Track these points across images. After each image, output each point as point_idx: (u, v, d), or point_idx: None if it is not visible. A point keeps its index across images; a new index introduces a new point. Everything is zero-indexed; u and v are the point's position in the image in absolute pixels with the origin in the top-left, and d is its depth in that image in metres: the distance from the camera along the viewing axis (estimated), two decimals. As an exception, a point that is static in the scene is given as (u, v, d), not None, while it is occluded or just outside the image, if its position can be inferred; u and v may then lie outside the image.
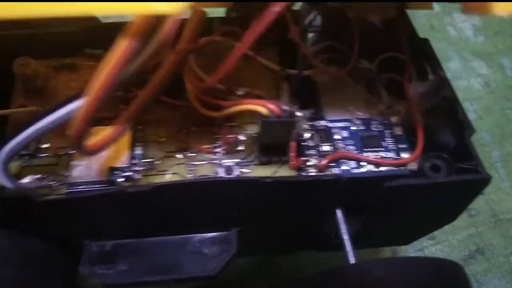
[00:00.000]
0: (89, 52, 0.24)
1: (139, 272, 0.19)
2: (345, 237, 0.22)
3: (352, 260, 0.21)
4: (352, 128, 0.23)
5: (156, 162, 0.21)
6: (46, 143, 0.22)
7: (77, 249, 0.20)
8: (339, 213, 0.22)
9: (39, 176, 0.21)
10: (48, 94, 0.23)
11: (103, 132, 0.19)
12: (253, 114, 0.20)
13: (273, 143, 0.21)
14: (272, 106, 0.18)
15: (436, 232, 0.35)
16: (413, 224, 0.24)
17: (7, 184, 0.20)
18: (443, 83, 0.23)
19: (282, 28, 0.21)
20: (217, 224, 0.21)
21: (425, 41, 0.25)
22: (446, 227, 0.26)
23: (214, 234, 0.21)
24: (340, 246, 0.22)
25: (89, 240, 0.20)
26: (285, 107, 0.18)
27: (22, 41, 0.24)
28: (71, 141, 0.17)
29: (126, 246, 0.20)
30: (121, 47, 0.16)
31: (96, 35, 0.24)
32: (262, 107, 0.18)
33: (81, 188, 0.20)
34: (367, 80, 0.25)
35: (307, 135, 0.22)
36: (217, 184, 0.19)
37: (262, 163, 0.22)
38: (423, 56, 0.24)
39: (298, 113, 0.20)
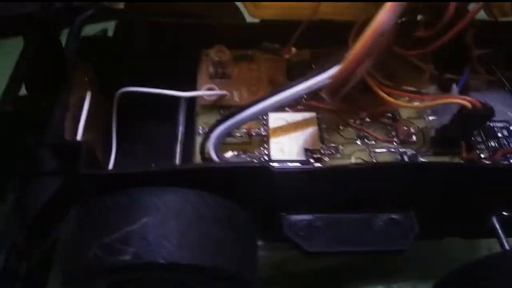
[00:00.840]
0: (266, 45, 0.27)
1: (336, 242, 0.21)
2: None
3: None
4: (511, 127, 0.25)
5: (340, 147, 0.24)
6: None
7: (269, 222, 0.22)
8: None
9: (236, 153, 0.23)
10: (231, 82, 0.26)
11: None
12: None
13: (455, 135, 0.23)
14: (473, 100, 0.20)
15: None
16: None
17: (214, 157, 0.22)
18: None
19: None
20: (397, 206, 0.23)
21: None
22: None
23: (396, 215, 0.23)
24: (493, 233, 0.24)
25: (285, 213, 0.22)
26: (484, 102, 0.21)
27: (207, 32, 0.26)
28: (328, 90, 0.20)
29: (321, 219, 0.22)
30: (380, 17, 0.18)
31: (272, 30, 0.27)
32: (464, 101, 0.21)
33: (281, 165, 0.22)
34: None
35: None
36: (413, 167, 0.21)
37: (435, 154, 0.24)
38: None
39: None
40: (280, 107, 0.24)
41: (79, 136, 0.22)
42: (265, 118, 0.24)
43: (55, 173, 0.21)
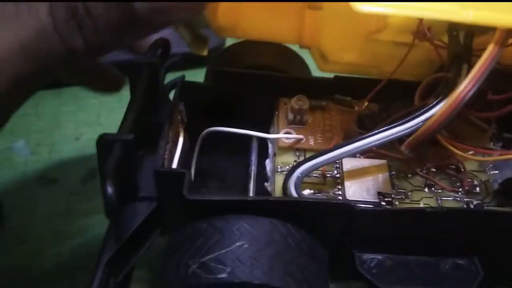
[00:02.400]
0: (338, 97, 0.29)
1: (406, 281, 0.23)
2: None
3: None
4: None
5: (409, 193, 0.25)
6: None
7: (342, 258, 0.24)
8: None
9: (312, 191, 0.26)
10: (307, 128, 0.28)
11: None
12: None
13: (518, 188, 0.24)
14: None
15: None
16: None
17: (294, 194, 0.24)
18: None
19: None
20: (463, 251, 0.24)
21: None
22: None
23: (460, 260, 0.24)
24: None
25: (356, 250, 0.24)
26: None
27: (286, 83, 0.29)
28: (409, 144, 0.22)
29: (391, 259, 0.23)
30: (492, 48, 0.21)
31: (344, 85, 0.30)
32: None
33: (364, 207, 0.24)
34: None
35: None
36: (479, 213, 0.23)
37: (498, 205, 0.25)
38: None
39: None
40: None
41: (174, 166, 0.25)
42: (338, 162, 0.26)
43: (149, 199, 0.24)
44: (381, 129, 0.24)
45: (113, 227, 0.23)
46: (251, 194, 0.28)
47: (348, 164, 0.26)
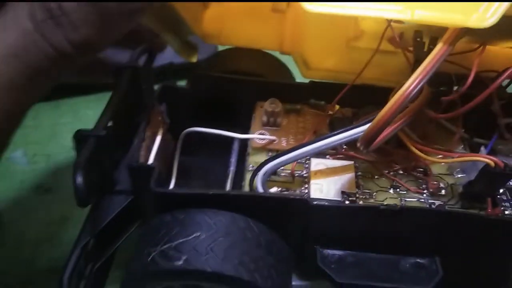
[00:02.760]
0: (313, 102, 0.31)
1: (364, 277, 0.23)
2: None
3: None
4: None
5: (374, 194, 0.26)
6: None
7: (304, 253, 0.25)
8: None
9: (279, 189, 0.27)
10: (280, 130, 0.29)
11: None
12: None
13: (481, 191, 0.25)
14: (497, 160, 0.23)
15: None
16: None
17: (261, 190, 0.25)
18: None
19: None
20: (424, 251, 0.24)
21: None
22: None
23: (421, 259, 0.24)
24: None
25: (319, 246, 0.25)
26: (506, 162, 0.23)
27: (264, 87, 0.31)
28: (363, 140, 0.23)
29: (352, 256, 0.24)
30: (439, 47, 0.22)
31: (319, 90, 0.31)
32: (489, 160, 0.23)
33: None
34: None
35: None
36: (438, 213, 0.24)
37: (462, 208, 0.26)
38: None
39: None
40: (321, 154, 0.27)
41: (150, 162, 0.26)
42: (307, 162, 0.27)
43: (125, 192, 0.26)
44: (345, 130, 0.25)
45: (91, 217, 0.25)
46: (227, 189, 0.29)
47: (315, 164, 0.27)
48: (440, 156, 0.26)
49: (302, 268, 0.26)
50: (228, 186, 0.29)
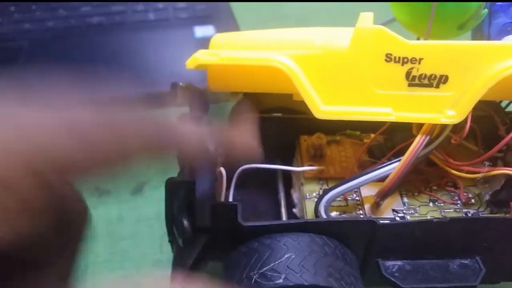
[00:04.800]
0: (349, 132, 0.35)
1: (424, 281, 0.27)
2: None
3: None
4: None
5: (417, 208, 0.30)
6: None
7: (367, 266, 0.29)
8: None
9: (338, 213, 0.30)
10: (326, 160, 0.33)
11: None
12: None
13: (505, 198, 0.30)
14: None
15: None
16: None
17: (324, 216, 0.29)
18: None
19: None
20: (466, 253, 0.29)
21: None
22: None
23: (465, 260, 0.29)
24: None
25: (380, 259, 0.28)
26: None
27: (305, 123, 0.35)
28: (378, 195, 0.28)
29: (409, 264, 0.28)
30: (417, 140, 0.27)
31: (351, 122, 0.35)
32: (509, 171, 0.28)
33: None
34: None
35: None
36: (475, 220, 0.28)
37: (491, 213, 0.30)
38: None
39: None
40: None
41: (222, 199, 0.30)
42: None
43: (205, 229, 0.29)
44: (390, 162, 0.29)
45: (179, 256, 0.28)
46: (284, 218, 0.33)
47: (365, 189, 0.31)
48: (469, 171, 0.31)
49: (365, 281, 0.29)
50: (283, 213, 0.33)
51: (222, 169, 0.32)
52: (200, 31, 0.63)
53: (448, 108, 0.26)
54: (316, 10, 0.69)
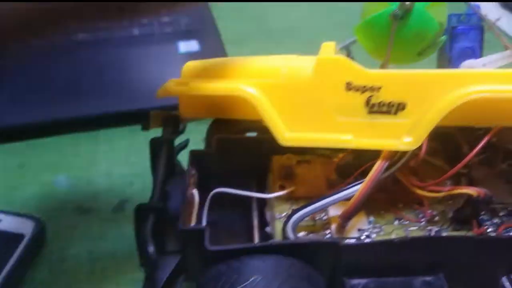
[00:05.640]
0: (319, 151, 0.36)
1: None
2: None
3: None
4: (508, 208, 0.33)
5: (383, 227, 0.32)
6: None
7: (334, 284, 0.30)
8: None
9: (306, 232, 0.32)
10: (296, 179, 0.35)
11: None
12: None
13: (466, 216, 0.31)
14: (479, 190, 0.29)
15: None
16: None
17: (292, 236, 0.30)
18: None
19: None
20: (429, 270, 0.30)
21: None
22: None
23: (428, 277, 0.30)
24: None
25: (346, 277, 0.30)
26: (487, 192, 0.29)
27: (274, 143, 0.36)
28: (342, 217, 0.29)
29: (373, 282, 0.29)
30: (378, 164, 0.29)
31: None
32: (473, 191, 0.29)
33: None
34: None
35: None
36: (438, 239, 0.29)
37: (454, 230, 0.32)
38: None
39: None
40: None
41: (192, 223, 0.31)
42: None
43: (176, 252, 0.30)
44: (358, 182, 0.30)
45: (150, 280, 0.29)
46: (256, 238, 0.34)
47: (332, 207, 0.32)
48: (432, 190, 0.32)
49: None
50: (255, 234, 0.34)
51: (195, 191, 0.33)
52: (184, 46, 0.65)
53: (405, 135, 0.27)
54: (299, 25, 0.71)
